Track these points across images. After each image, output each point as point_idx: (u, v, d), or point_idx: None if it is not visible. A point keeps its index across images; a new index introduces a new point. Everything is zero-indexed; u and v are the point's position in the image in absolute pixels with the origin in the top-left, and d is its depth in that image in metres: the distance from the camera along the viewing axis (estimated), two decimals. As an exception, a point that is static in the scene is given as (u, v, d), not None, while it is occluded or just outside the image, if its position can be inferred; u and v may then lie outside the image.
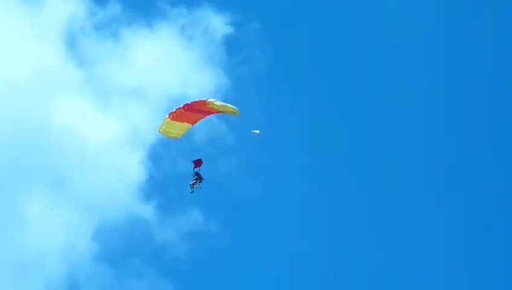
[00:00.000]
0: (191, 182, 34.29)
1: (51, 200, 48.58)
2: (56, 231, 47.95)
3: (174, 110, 31.42)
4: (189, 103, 31.08)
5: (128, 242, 48.44)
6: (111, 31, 55.22)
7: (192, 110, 31.25)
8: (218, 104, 30.90)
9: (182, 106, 31.21)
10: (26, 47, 53.03)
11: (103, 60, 54.54)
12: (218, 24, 56.16)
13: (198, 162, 33.80)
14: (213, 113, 31.45)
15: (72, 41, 54.35)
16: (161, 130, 32.46)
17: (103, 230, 47.95)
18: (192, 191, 34.67)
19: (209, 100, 30.78)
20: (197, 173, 33.92)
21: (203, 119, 32.03)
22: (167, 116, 31.67)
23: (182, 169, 52.45)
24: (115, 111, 52.38)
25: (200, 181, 34.45)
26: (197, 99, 31.04)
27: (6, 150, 48.64)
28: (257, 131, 32.80)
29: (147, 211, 48.48)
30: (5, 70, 51.55)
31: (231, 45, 56.70)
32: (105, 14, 55.64)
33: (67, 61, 53.07)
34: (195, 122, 32.13)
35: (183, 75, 54.34)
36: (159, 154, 49.76)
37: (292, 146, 54.25)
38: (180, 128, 32.13)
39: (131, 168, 48.90)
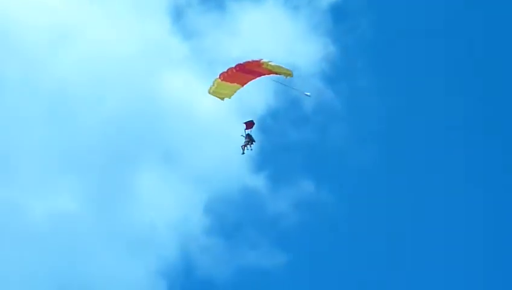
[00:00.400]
0: (243, 144, 33.80)
1: (162, 173, 49.19)
2: (168, 204, 48.54)
3: (225, 71, 31.06)
4: (241, 63, 30.61)
5: (240, 213, 48.53)
6: (216, 3, 55.25)
7: (244, 71, 30.81)
8: (273, 64, 30.27)
9: (233, 66, 30.77)
10: (132, 22, 53.57)
11: (209, 32, 54.78)
12: None
13: (250, 124, 33.51)
14: (265, 74, 30.86)
15: (178, 15, 54.53)
16: (211, 91, 32.28)
17: (215, 202, 48.13)
18: (243, 153, 34.17)
19: (263, 60, 30.15)
20: (248, 135, 33.47)
21: (253, 80, 31.61)
22: (218, 77, 31.30)
23: (291, 139, 52.82)
24: None
25: (252, 143, 33.97)
26: (250, 60, 30.50)
27: (117, 125, 49.01)
28: (308, 93, 31.44)
29: (258, 181, 48.27)
30: (113, 46, 52.10)
31: (337, 13, 55.98)
32: None
33: (174, 35, 53.42)
34: (246, 84, 31.71)
35: (289, 45, 53.97)
36: (268, 124, 49.43)
37: (401, 112, 53.44)
38: (230, 89, 31.92)
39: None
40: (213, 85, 31.67)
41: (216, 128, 48.23)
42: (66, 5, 53.45)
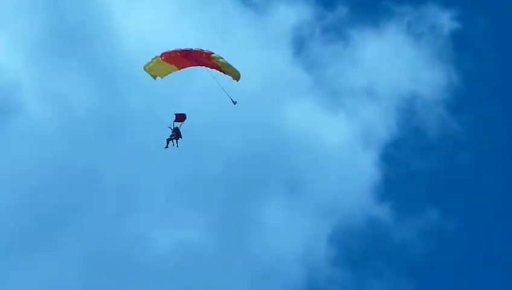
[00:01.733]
0: (168, 138, 32.60)
1: (287, 204, 49.64)
2: (293, 235, 48.98)
3: (169, 52, 30.65)
4: (189, 49, 30.19)
5: (366, 243, 48.76)
6: (338, 34, 56.11)
7: (188, 58, 30.38)
8: (223, 62, 30.11)
9: (179, 50, 30.25)
10: (256, 54, 54.81)
11: (331, 62, 55.57)
12: (445, 20, 55.66)
13: (181, 117, 32.20)
14: (208, 67, 30.42)
15: (299, 46, 55.63)
16: (146, 68, 31.79)
17: (340, 232, 48.42)
18: (167, 147, 33.18)
19: (214, 55, 29.99)
20: (176, 129, 32.29)
21: (191, 67, 31.04)
22: (159, 56, 30.79)
23: (416, 168, 54.51)
24: (346, 112, 53.24)
25: (178, 138, 32.64)
26: (199, 49, 30.18)
27: (241, 155, 50.07)
28: (235, 100, 31.27)
29: (383, 211, 48.79)
30: None
31: (459, 40, 56.34)
32: (333, 17, 56.70)
33: (296, 65, 54.49)
34: (184, 68, 31.26)
35: (412, 73, 54.50)
36: (392, 153, 50.24)
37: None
38: (166, 69, 31.46)
39: (365, 169, 49.46)
40: (150, 62, 31.34)
41: (340, 157, 50.47)
42: (188, 34, 55.02)
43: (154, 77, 32.32)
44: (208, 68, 30.91)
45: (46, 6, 53.60)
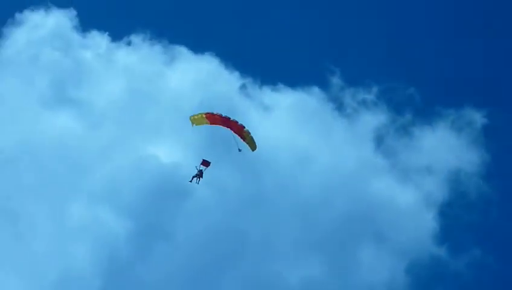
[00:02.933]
0: (194, 175, 36.74)
1: (376, 248, 57.10)
2: (381, 270, 57.08)
3: (212, 113, 34.77)
4: (228, 117, 34.66)
5: (431, 273, 55.80)
6: (405, 131, 63.94)
7: (224, 121, 34.49)
8: (250, 136, 34.51)
9: (220, 114, 34.67)
10: (348, 148, 61.72)
11: (402, 151, 63.86)
12: (478, 117, 61.82)
13: (206, 163, 36.33)
14: (236, 133, 34.54)
15: (379, 142, 63.42)
16: (192, 118, 35.15)
17: (413, 266, 55.88)
18: (191, 181, 36.79)
19: (246, 129, 34.33)
20: (201, 171, 36.29)
21: (219, 126, 34.48)
22: (204, 113, 34.75)
23: (463, 220, 57.95)
24: (414, 184, 60.92)
25: (200, 178, 36.63)
26: (235, 119, 34.51)
27: (344, 216, 57.37)
28: (240, 149, 35.28)
29: (441, 251, 56.64)
30: (334, 164, 59.90)
31: (488, 131, 61.79)
32: (402, 120, 64.34)
33: (377, 155, 62.69)
34: (214, 125, 34.73)
35: (457, 155, 61.78)
36: (446, 211, 57.71)
37: None
38: (202, 122, 34.71)
39: (428, 222, 57.66)
40: (197, 115, 35.10)
41: (410, 215, 59.32)
42: (303, 136, 60.94)
43: (192, 125, 35.50)
44: (233, 132, 34.61)
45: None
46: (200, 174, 36.48)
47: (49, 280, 47.05)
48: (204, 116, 34.26)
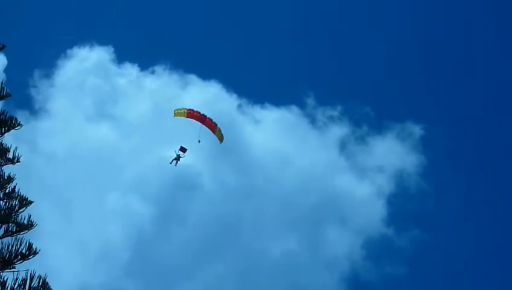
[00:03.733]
0: (173, 158, 40.35)
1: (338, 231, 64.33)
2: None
3: (192, 110, 37.95)
4: (204, 115, 38.21)
5: None
6: (363, 140, 71.37)
7: (200, 118, 37.91)
8: (220, 132, 38.35)
9: (199, 111, 38.20)
10: (316, 152, 67.39)
11: (360, 155, 72.22)
12: (416, 129, 68.31)
13: (184, 149, 40.05)
14: (208, 127, 38.07)
15: (342, 148, 69.87)
16: (176, 111, 39.00)
17: None
18: (171, 163, 40.36)
19: (218, 126, 38.06)
20: (179, 155, 40.14)
21: (196, 121, 38.05)
22: (187, 109, 37.86)
23: None
24: (369, 180, 69.46)
25: (178, 161, 40.16)
26: (209, 118, 37.88)
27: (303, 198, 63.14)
28: (199, 140, 38.97)
29: None
30: None
31: (426, 141, 67.27)
32: (360, 131, 71.07)
33: (340, 158, 69.74)
34: (191, 119, 38.10)
35: (402, 157, 68.67)
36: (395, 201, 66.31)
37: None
38: (182, 115, 38.15)
39: (379, 212, 64.79)
40: (180, 109, 38.88)
41: (367, 203, 68.28)
42: (285, 143, 67.61)
43: (173, 116, 39.36)
44: (206, 127, 37.85)
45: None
46: (177, 158, 40.26)
47: (92, 250, 57.46)
48: (186, 111, 37.67)
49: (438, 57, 70.51)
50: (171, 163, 40.01)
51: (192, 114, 37.47)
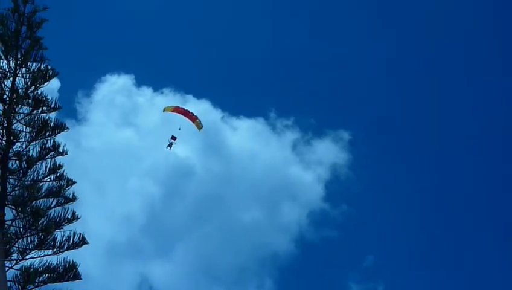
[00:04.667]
0: (167, 145, 46.60)
1: (290, 205, 73.92)
2: None
3: (179, 107, 44.29)
4: (187, 110, 44.33)
5: None
6: (309, 142, 79.83)
7: (184, 112, 44.22)
8: (199, 123, 44.04)
9: (183, 108, 44.49)
10: (275, 151, 78.49)
11: (307, 153, 79.67)
12: (346, 135, 78.39)
13: (174, 138, 46.07)
14: (189, 119, 44.21)
15: (294, 148, 79.01)
16: (165, 108, 44.76)
17: None
18: (167, 148, 46.71)
19: (198, 119, 43.94)
20: (171, 143, 46.17)
21: (180, 115, 44.23)
22: (174, 107, 44.15)
23: None
24: (312, 171, 77.33)
25: (170, 147, 46.44)
26: (191, 112, 44.13)
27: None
28: (179, 127, 45.02)
29: None
30: None
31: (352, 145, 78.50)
32: (307, 137, 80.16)
33: (293, 155, 79.28)
34: (176, 114, 44.28)
35: (336, 154, 78.05)
36: (330, 185, 74.54)
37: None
38: (169, 111, 44.40)
39: (319, 193, 73.53)
40: (170, 107, 44.72)
41: (311, 186, 76.97)
42: (254, 145, 79.73)
43: (163, 111, 45.06)
44: (188, 119, 43.56)
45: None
46: (170, 145, 47.04)
47: (117, 217, 68.95)
48: (173, 108, 44.85)
49: (361, 82, 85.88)
50: (166, 148, 47.68)
51: (177, 110, 44.63)
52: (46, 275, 28.22)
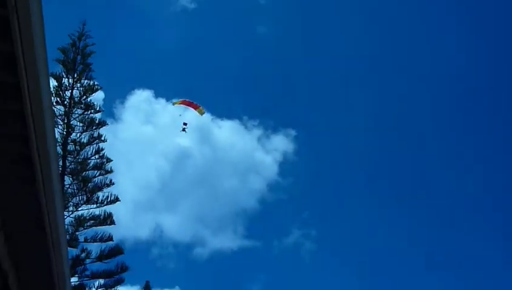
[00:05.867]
0: (182, 129, 51.62)
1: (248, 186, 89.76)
2: None
3: (186, 100, 49.85)
4: (191, 101, 49.89)
5: None
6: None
7: (188, 104, 49.66)
8: (202, 110, 49.80)
9: (188, 100, 50.00)
10: (247, 144, 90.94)
11: None
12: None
13: (185, 124, 50.64)
14: (194, 109, 49.77)
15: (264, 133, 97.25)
16: (174, 102, 52.20)
17: None
18: (181, 131, 51.75)
19: (201, 107, 49.55)
20: (184, 128, 51.14)
21: (186, 106, 49.75)
22: (181, 100, 50.65)
23: None
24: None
25: (184, 130, 51.17)
26: (195, 103, 49.65)
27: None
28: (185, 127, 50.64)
29: None
30: None
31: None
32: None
33: (261, 147, 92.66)
34: (182, 105, 49.96)
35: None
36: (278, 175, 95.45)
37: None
38: (177, 103, 50.72)
39: (272, 178, 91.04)
40: (178, 101, 50.16)
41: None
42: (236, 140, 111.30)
43: (173, 104, 51.70)
44: (192, 108, 49.15)
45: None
46: (184, 129, 51.96)
47: (139, 183, 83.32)
48: (181, 101, 50.21)
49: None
50: (181, 131, 53.41)
51: (184, 102, 51.11)
52: (92, 221, 39.57)
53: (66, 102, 41.46)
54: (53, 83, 40.05)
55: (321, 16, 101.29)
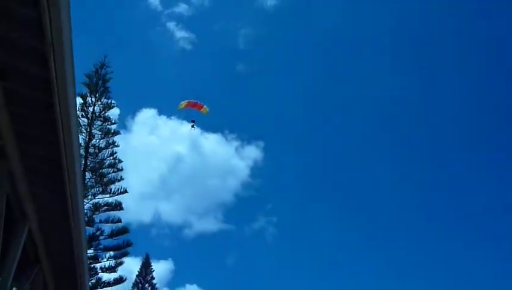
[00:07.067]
0: (191, 126, 45.47)
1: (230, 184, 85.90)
2: None
3: (190, 101, 42.80)
4: (196, 102, 42.84)
5: None
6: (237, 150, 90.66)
7: (193, 104, 42.81)
8: (206, 109, 42.81)
9: (192, 101, 42.85)
10: (228, 152, 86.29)
11: None
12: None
13: (193, 121, 45.00)
14: (198, 109, 42.79)
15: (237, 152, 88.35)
16: (180, 104, 42.81)
17: None
18: (190, 129, 45.54)
19: (206, 106, 42.62)
20: (193, 125, 45.34)
21: (191, 107, 42.95)
22: (187, 101, 42.63)
23: None
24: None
25: (193, 127, 45.42)
26: (200, 103, 42.51)
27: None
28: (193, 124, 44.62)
29: None
30: None
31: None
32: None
33: (238, 154, 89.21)
34: (187, 107, 43.04)
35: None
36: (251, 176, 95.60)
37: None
38: (182, 105, 42.85)
39: (244, 177, 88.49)
40: (184, 102, 42.88)
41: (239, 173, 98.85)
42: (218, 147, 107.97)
43: (178, 108, 43.43)
44: (196, 108, 42.70)
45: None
46: (192, 126, 46.35)
47: (144, 179, 78.44)
48: (185, 103, 43.24)
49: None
50: (190, 129, 48.16)
51: (189, 103, 45.31)
52: (105, 207, 39.10)
53: (89, 116, 41.00)
54: (79, 100, 39.86)
55: (290, 37, 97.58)
